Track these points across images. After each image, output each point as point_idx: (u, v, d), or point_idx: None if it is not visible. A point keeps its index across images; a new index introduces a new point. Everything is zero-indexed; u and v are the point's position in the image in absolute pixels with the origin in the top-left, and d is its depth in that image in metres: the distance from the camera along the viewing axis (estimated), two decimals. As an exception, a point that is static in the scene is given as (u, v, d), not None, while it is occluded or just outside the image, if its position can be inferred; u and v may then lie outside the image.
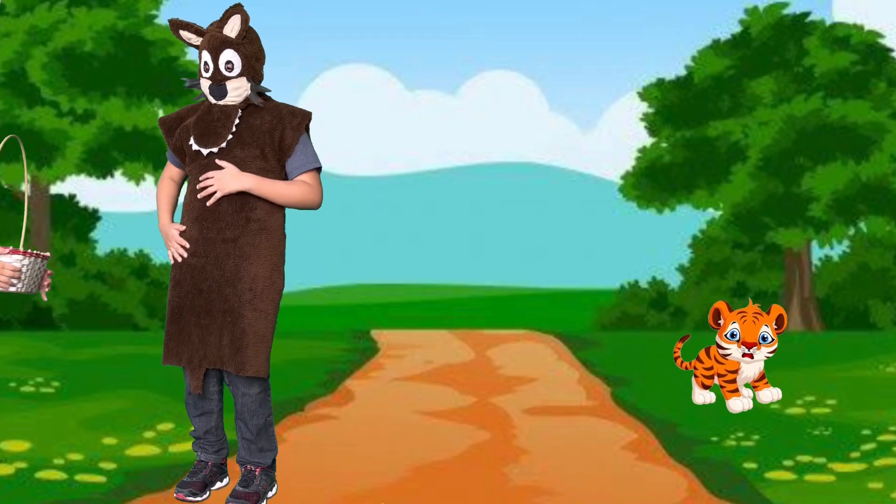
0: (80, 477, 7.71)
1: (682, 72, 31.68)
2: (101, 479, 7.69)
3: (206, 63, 4.73)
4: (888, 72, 30.40)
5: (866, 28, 30.76)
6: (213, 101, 4.73)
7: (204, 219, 4.80)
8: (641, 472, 8.04)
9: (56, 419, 10.42)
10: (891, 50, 30.70)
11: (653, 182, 31.48)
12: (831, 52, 30.24)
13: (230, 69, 4.64)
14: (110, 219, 35.82)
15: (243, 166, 4.67)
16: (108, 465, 8.15)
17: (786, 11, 31.14)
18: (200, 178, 4.77)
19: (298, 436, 9.81)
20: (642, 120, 31.93)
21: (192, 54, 30.13)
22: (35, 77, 28.52)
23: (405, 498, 6.93)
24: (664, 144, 31.63)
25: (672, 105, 31.33)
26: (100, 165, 29.37)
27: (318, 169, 4.83)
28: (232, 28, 4.67)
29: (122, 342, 19.93)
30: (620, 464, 8.39)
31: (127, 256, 32.70)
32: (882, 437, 9.21)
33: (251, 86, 4.72)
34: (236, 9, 4.70)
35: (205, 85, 4.75)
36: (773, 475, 7.82)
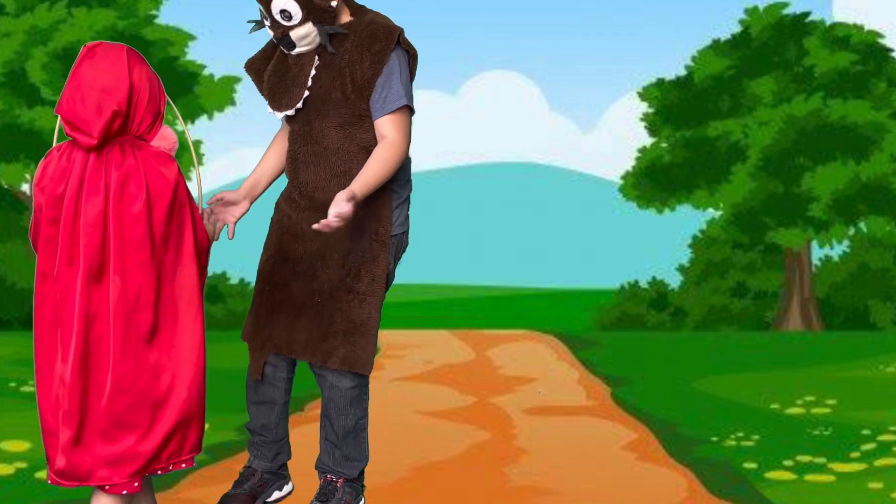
0: (80, 477, 7.70)
1: (682, 72, 31.69)
2: (101, 479, 7.69)
3: (263, 17, 4.06)
4: (888, 72, 30.40)
5: (866, 28, 30.76)
6: (284, 52, 4.06)
7: (300, 195, 4.28)
8: (641, 472, 8.04)
9: (56, 419, 10.42)
10: (891, 50, 30.71)
11: (653, 182, 31.48)
12: (831, 52, 30.25)
13: (287, 18, 3.96)
14: (110, 219, 35.84)
15: (324, 119, 4.03)
16: (108, 465, 8.15)
17: (786, 11, 31.14)
18: (299, 155, 4.15)
19: (298, 436, 9.79)
20: (642, 120, 31.94)
21: (192, 54, 30.19)
22: (35, 77, 28.53)
23: (405, 498, 6.93)
24: (664, 144, 31.64)
25: (672, 105, 31.34)
26: (100, 165, 29.41)
27: (405, 108, 4.04)
28: None
29: (122, 342, 19.93)
30: (620, 464, 8.40)
31: (127, 256, 32.76)
32: (882, 437, 9.21)
33: (319, 28, 4.00)
34: None
35: (273, 37, 4.07)
36: (773, 475, 7.83)
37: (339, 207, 3.84)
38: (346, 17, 4.11)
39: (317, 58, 4.05)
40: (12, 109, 28.74)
